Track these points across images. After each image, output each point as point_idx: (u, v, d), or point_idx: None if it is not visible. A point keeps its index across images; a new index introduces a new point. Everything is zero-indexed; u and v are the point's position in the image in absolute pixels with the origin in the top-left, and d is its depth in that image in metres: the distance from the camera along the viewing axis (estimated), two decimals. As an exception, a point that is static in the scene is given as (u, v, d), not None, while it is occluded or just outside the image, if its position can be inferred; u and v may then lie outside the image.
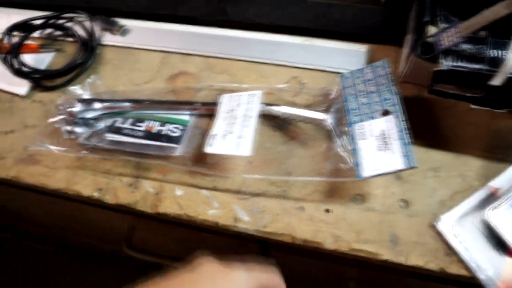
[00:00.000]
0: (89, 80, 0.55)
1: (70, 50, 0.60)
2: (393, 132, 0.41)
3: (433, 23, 0.40)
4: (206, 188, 0.47)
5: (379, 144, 0.41)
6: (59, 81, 0.57)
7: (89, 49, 0.58)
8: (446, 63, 0.39)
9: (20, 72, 0.56)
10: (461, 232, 0.43)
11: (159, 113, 0.50)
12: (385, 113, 0.43)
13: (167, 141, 0.46)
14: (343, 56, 0.53)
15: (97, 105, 0.49)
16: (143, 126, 0.48)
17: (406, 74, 0.48)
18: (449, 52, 0.39)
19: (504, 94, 0.39)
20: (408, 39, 0.48)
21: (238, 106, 0.47)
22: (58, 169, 0.50)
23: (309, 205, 0.45)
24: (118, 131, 0.48)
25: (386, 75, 0.45)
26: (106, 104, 0.50)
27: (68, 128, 0.48)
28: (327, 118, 0.45)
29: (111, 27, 0.59)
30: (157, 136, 0.47)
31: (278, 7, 0.56)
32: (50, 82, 0.57)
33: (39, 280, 1.38)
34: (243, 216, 0.45)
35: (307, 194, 0.46)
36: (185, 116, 0.50)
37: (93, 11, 0.61)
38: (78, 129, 0.48)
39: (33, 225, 1.15)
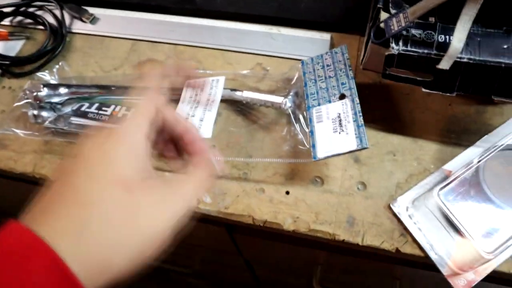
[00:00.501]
0: (57, 66, 0.55)
1: (40, 38, 0.60)
2: (348, 115, 0.42)
3: (386, 9, 0.41)
4: (170, 171, 0.48)
5: (335, 126, 0.42)
6: (28, 68, 0.57)
7: (59, 37, 0.59)
8: (396, 48, 0.40)
9: (-11, 58, 0.57)
10: (415, 213, 0.44)
11: (125, 98, 0.51)
12: (342, 97, 0.44)
13: (131, 125, 0.47)
14: (307, 44, 0.54)
15: (63, 90, 0.50)
16: (108, 111, 0.49)
17: (365, 61, 0.49)
18: (400, 37, 0.40)
19: (452, 77, 0.40)
20: (367, 28, 0.49)
21: (202, 91, 0.48)
22: (25, 153, 0.51)
23: (270, 187, 0.46)
24: (83, 115, 0.49)
25: (343, 60, 0.46)
26: (72, 89, 0.50)
27: (35, 112, 0.49)
28: (286, 102, 0.47)
29: (81, 16, 0.60)
30: (123, 120, 0.48)
31: (245, -3, 0.58)
32: (19, 69, 0.57)
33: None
34: (205, 198, 0.46)
35: (268, 177, 0.47)
36: (151, 101, 0.51)
37: (64, -1, 0.61)
38: (44, 113, 0.49)
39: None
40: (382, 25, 0.41)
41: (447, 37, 0.39)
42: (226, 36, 0.56)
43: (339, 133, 0.42)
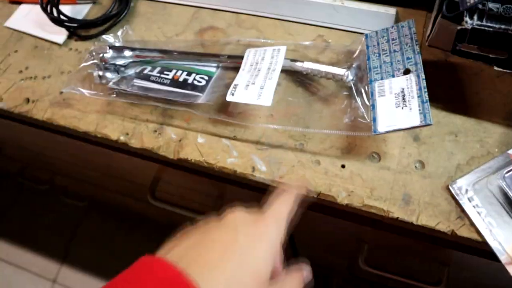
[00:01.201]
0: (121, 30, 0.57)
1: (106, 2, 0.62)
2: (412, 90, 0.41)
3: (461, -19, 0.40)
4: (227, 137, 0.48)
5: (397, 101, 0.41)
6: (94, 31, 0.59)
7: (124, 2, 0.60)
8: (470, 22, 0.38)
9: (58, 20, 0.59)
10: (475, 196, 0.43)
11: (186, 64, 0.51)
12: (406, 71, 0.43)
13: (192, 89, 0.48)
14: (371, 18, 0.53)
15: (128, 52, 0.51)
16: (170, 75, 0.50)
17: (432, 37, 0.48)
18: (474, 11, 0.38)
19: (529, 56, 0.38)
20: (436, 3, 0.47)
21: (263, 59, 0.48)
22: (89, 113, 0.53)
23: (325, 160, 0.46)
24: (146, 77, 0.50)
25: (410, 35, 0.45)
26: (136, 52, 0.52)
27: (100, 73, 0.50)
28: (348, 74, 0.46)
29: (146, -18, 0.61)
30: (183, 85, 0.49)
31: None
32: (85, 32, 0.59)
33: (69, 236, 1.45)
34: (261, 166, 0.46)
35: (324, 149, 0.47)
36: (211, 68, 0.51)
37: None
38: (108, 74, 0.50)
39: (68, 180, 1.21)
40: (456, -3, 0.39)
41: (528, 12, 0.37)
42: (288, 6, 0.55)
43: (402, 108, 0.41)
